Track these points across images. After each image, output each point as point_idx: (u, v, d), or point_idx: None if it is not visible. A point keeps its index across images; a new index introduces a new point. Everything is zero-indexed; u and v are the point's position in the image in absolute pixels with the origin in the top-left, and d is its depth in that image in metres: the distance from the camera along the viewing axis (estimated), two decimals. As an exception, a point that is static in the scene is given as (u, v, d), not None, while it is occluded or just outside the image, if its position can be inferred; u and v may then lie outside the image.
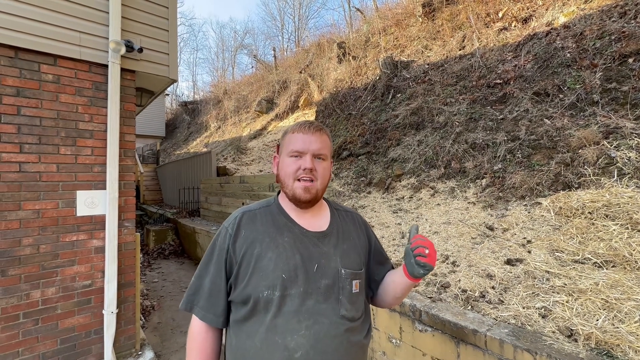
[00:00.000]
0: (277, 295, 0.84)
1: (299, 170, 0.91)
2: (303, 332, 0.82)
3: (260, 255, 0.88)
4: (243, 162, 8.81)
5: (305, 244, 0.91)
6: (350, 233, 1.01)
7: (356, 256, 0.97)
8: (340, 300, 0.88)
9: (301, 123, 0.97)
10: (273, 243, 0.89)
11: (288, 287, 0.85)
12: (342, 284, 0.89)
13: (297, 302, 0.84)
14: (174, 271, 5.56)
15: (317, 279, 0.87)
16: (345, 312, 0.88)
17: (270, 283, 0.85)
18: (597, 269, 2.01)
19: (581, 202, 2.47)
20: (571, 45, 3.67)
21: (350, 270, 0.91)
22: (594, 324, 1.63)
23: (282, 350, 0.81)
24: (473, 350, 1.75)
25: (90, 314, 2.42)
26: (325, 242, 0.93)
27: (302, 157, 0.92)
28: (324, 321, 0.84)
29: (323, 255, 0.90)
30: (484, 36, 5.20)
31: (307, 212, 0.98)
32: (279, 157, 0.99)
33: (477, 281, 2.22)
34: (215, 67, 30.55)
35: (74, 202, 2.38)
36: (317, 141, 0.92)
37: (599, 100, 3.06)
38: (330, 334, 0.84)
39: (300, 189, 0.90)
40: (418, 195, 3.85)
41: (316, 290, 0.86)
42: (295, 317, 0.83)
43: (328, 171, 0.96)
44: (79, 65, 2.40)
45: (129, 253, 2.61)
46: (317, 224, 0.97)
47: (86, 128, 2.43)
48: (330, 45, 9.92)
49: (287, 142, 0.95)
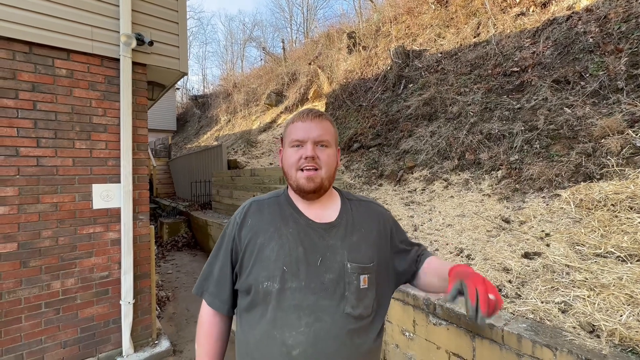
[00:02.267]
0: (276, 287, 0.81)
1: (300, 160, 0.87)
2: (302, 329, 0.78)
3: (263, 245, 0.86)
4: (253, 155, 8.84)
5: (310, 235, 0.87)
6: (361, 224, 0.93)
7: (366, 249, 0.89)
8: (346, 296, 0.82)
9: (300, 111, 0.93)
10: (277, 233, 0.87)
11: (288, 279, 0.81)
12: (349, 279, 0.83)
13: (298, 297, 0.80)
14: (187, 263, 5.67)
15: (321, 273, 0.82)
16: (351, 310, 0.82)
17: (270, 274, 0.82)
18: (620, 263, 1.93)
19: (603, 193, 2.38)
20: (594, 30, 3.49)
21: (358, 264, 0.85)
22: (618, 319, 1.57)
23: (280, 346, 0.78)
24: (489, 344, 1.72)
25: (108, 304, 2.48)
26: (332, 234, 0.88)
27: (303, 145, 0.88)
28: (326, 319, 0.79)
29: (328, 248, 0.85)
30: (500, 22, 5.01)
31: (315, 202, 0.93)
32: (283, 149, 0.95)
33: (493, 275, 2.18)
34: (224, 60, 30.57)
35: (90, 195, 2.42)
36: (317, 128, 0.88)
37: (623, 87, 2.92)
38: (333, 333, 0.79)
39: (304, 179, 0.86)
40: (431, 188, 3.78)
41: (319, 286, 0.81)
42: (295, 312, 0.79)
43: (333, 158, 0.90)
44: (91, 60, 2.41)
45: (144, 245, 2.65)
46: (326, 215, 0.92)
47: (100, 122, 2.46)
48: (339, 36, 9.76)
49: (288, 133, 0.92)
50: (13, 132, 2.14)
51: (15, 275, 2.14)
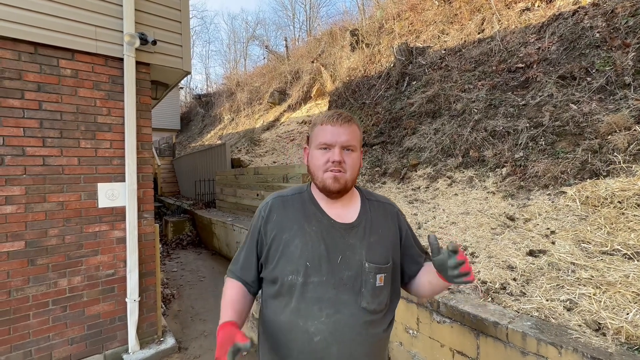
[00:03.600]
0: (300, 280, 0.89)
1: (328, 163, 0.92)
2: (323, 319, 0.87)
3: (289, 241, 0.93)
4: (257, 153, 8.85)
5: (332, 234, 0.93)
6: (379, 225, 1.00)
7: (383, 250, 0.96)
8: (362, 292, 0.90)
9: (330, 114, 0.96)
10: (301, 231, 0.93)
11: (311, 274, 0.89)
12: (366, 277, 0.90)
13: (320, 290, 0.88)
14: (192, 261, 5.70)
15: (341, 270, 0.90)
16: (367, 305, 0.89)
17: (294, 268, 0.90)
18: (627, 260, 1.91)
19: (610, 190, 2.35)
20: (601, 25, 3.44)
21: (375, 264, 0.92)
22: (624, 317, 1.56)
23: (303, 333, 0.87)
24: (494, 342, 1.71)
25: (114, 301, 2.51)
26: (352, 234, 0.94)
27: (330, 149, 0.92)
28: (344, 311, 0.88)
29: (348, 248, 0.92)
30: (505, 18, 4.95)
31: (337, 202, 0.99)
32: (309, 149, 1.00)
33: (497, 272, 2.16)
34: (227, 59, 30.59)
35: (95, 194, 2.44)
36: (345, 133, 0.93)
37: (631, 82, 2.87)
38: (350, 324, 0.87)
39: (330, 179, 0.92)
40: (435, 185, 3.76)
41: (339, 281, 0.89)
42: (317, 304, 0.88)
43: (358, 161, 0.97)
44: (95, 60, 2.43)
45: (149, 243, 2.67)
46: (346, 215, 0.98)
47: (104, 122, 2.48)
48: (342, 34, 9.72)
49: (316, 135, 0.96)
50: (19, 132, 2.16)
51: (23, 273, 2.18)
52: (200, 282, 4.56)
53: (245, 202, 6.12)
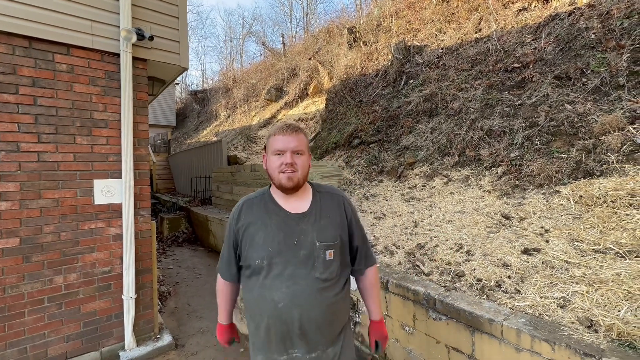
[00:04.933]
0: (265, 263, 1.13)
1: (282, 165, 1.13)
2: (284, 290, 1.10)
3: (254, 234, 1.17)
4: (253, 150, 8.83)
5: (288, 224, 1.16)
6: (327, 211, 1.22)
7: (332, 230, 1.18)
8: (315, 266, 1.13)
9: (280, 126, 1.19)
10: (263, 225, 1.17)
11: (273, 257, 1.12)
12: (317, 253, 1.13)
13: (281, 268, 1.12)
14: (188, 258, 5.69)
15: (297, 250, 1.13)
16: (319, 275, 1.13)
17: (260, 254, 1.13)
18: (619, 259, 1.95)
19: (603, 190, 2.39)
20: (596, 26, 3.48)
21: (324, 242, 1.15)
22: (616, 314, 1.59)
23: (270, 302, 1.11)
24: (489, 339, 1.74)
25: (111, 299, 2.50)
26: (305, 221, 1.17)
27: (283, 154, 1.13)
28: (301, 282, 1.11)
29: (302, 232, 1.15)
30: (502, 18, 4.98)
31: (292, 197, 1.21)
32: (267, 156, 1.21)
33: (492, 270, 2.19)
34: (223, 55, 30.37)
35: (91, 190, 2.42)
36: (294, 140, 1.14)
37: (625, 83, 2.91)
38: (306, 292, 1.11)
39: (285, 179, 1.13)
40: (431, 184, 3.79)
41: (296, 259, 1.12)
42: (279, 278, 1.11)
43: (307, 163, 1.19)
44: (91, 55, 2.40)
45: (145, 241, 2.66)
46: (300, 207, 1.20)
47: (101, 118, 2.45)
48: (340, 31, 9.69)
49: (271, 143, 1.17)
50: (14, 128, 2.14)
51: (18, 270, 2.16)
52: (196, 279, 4.55)
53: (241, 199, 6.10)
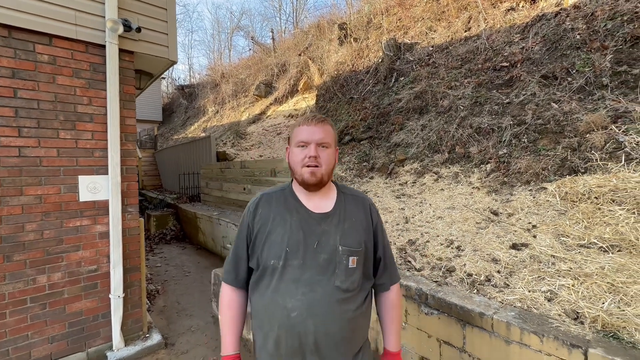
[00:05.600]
0: (280, 264, 0.99)
1: (305, 158, 1.03)
2: (299, 297, 0.97)
3: (271, 230, 1.04)
4: (243, 147, 8.72)
5: (309, 223, 1.04)
6: (352, 214, 1.10)
7: (356, 235, 1.06)
8: (336, 273, 1.00)
9: (306, 116, 1.09)
10: (282, 221, 1.04)
11: (290, 258, 0.99)
12: (339, 259, 1.00)
13: (298, 272, 0.98)
14: (176, 256, 5.60)
15: (317, 253, 1.00)
16: (340, 284, 0.99)
17: (276, 253, 1.00)
18: (602, 253, 2.01)
19: (587, 187, 2.46)
20: (581, 27, 3.57)
21: (348, 247, 1.02)
22: (600, 307, 1.65)
23: (282, 309, 0.97)
24: (479, 332, 1.78)
25: (97, 298, 2.43)
26: (327, 222, 1.05)
27: (307, 146, 1.03)
28: (318, 290, 0.97)
29: (324, 234, 1.02)
30: (491, 17, 5.05)
31: (315, 195, 1.09)
32: (290, 148, 1.11)
33: (482, 265, 2.24)
34: (211, 49, 29.79)
35: (76, 187, 2.34)
36: (319, 131, 1.04)
37: (608, 83, 3.00)
38: (324, 301, 0.97)
39: (308, 174, 1.02)
40: (421, 181, 3.83)
41: (315, 263, 0.99)
42: (294, 283, 0.98)
43: (332, 157, 1.07)
44: (75, 46, 2.31)
45: (133, 238, 2.60)
46: (323, 206, 1.09)
47: (85, 111, 2.37)
48: (330, 27, 9.65)
49: (295, 134, 1.08)
50: (-8, 121, 2.04)
51: (-1, 269, 2.07)
52: (185, 277, 4.48)
53: (231, 196, 6.04)
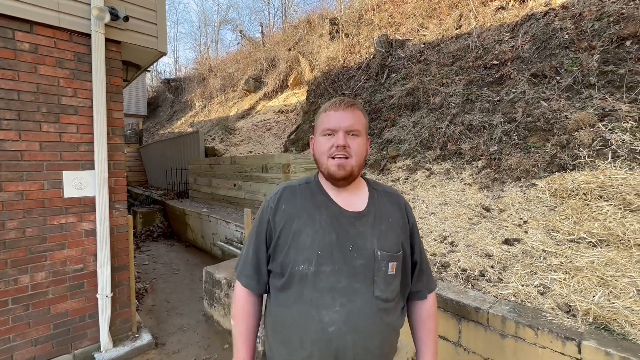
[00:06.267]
0: (312, 270, 0.86)
1: (332, 148, 0.90)
2: (337, 308, 0.85)
3: (299, 230, 0.90)
4: (232, 142, 8.59)
5: (341, 222, 0.91)
6: (388, 214, 0.98)
7: (394, 237, 0.95)
8: (375, 281, 0.88)
9: (333, 101, 0.95)
10: (311, 220, 0.91)
11: (323, 263, 0.87)
12: (378, 265, 0.89)
13: (333, 280, 0.86)
14: (164, 253, 5.47)
15: (353, 258, 0.88)
16: (380, 293, 0.88)
17: (306, 258, 0.87)
18: (592, 247, 2.07)
19: (576, 183, 2.53)
20: (570, 27, 3.64)
21: (387, 252, 0.91)
22: (591, 300, 1.69)
23: (317, 323, 0.85)
24: (475, 326, 1.80)
25: (84, 298, 2.34)
26: (362, 222, 0.93)
27: (334, 134, 0.91)
28: (357, 300, 0.86)
29: (359, 236, 0.91)
30: (481, 15, 5.11)
31: (345, 190, 0.97)
32: (315, 138, 0.99)
33: (476, 260, 2.27)
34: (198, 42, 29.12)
35: (60, 183, 2.24)
36: (349, 117, 0.91)
37: (595, 82, 3.08)
38: (363, 313, 0.86)
39: (335, 166, 0.90)
40: (413, 177, 3.86)
41: (351, 270, 0.87)
42: (330, 293, 0.86)
43: (363, 147, 0.94)
44: (58, 34, 2.19)
45: (121, 236, 2.51)
46: (355, 204, 0.96)
47: (70, 103, 2.26)
48: (321, 22, 9.57)
49: (320, 122, 0.95)
50: (-32, 112, 1.91)
51: (-23, 270, 1.96)
52: (174, 275, 4.39)
53: (221, 192, 5.94)
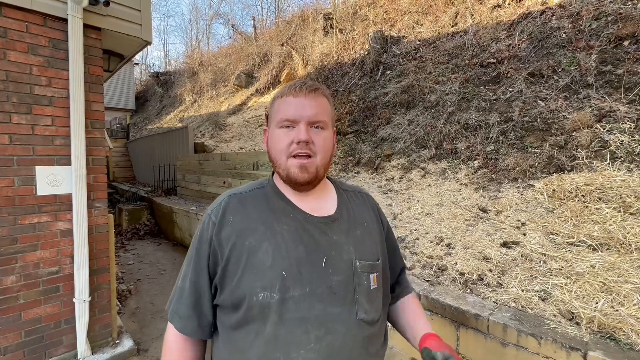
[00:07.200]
0: (276, 298, 0.67)
1: (292, 145, 0.72)
2: (312, 345, 0.66)
3: (254, 247, 0.70)
4: (222, 138, 8.39)
5: (309, 231, 0.73)
6: (363, 217, 0.83)
7: (372, 244, 0.80)
8: (357, 300, 0.71)
9: (292, 83, 0.76)
10: (269, 232, 0.72)
11: (290, 287, 0.67)
12: (359, 280, 0.72)
13: (304, 307, 0.67)
14: (150, 252, 5.29)
15: (327, 275, 0.70)
16: (364, 315, 0.71)
17: (267, 283, 0.67)
18: (592, 251, 2.02)
19: (574, 185, 2.48)
20: (567, 26, 3.60)
21: (367, 261, 0.75)
22: (594, 307, 1.63)
23: None
24: (474, 334, 1.72)
25: (60, 302, 2.19)
26: (334, 228, 0.76)
27: (295, 127, 0.73)
28: (338, 329, 0.68)
29: (333, 246, 0.73)
30: (478, 13, 5.05)
31: (309, 194, 0.80)
32: (269, 130, 0.80)
33: (474, 264, 2.19)
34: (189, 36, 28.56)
35: (33, 179, 2.07)
36: (312, 105, 0.73)
37: (593, 82, 3.04)
38: (347, 346, 0.68)
39: (296, 168, 0.72)
40: (408, 176, 3.78)
41: (326, 290, 0.69)
42: (301, 326, 0.66)
43: (330, 142, 0.77)
44: (30, 17, 2.01)
45: (101, 236, 2.35)
46: (323, 208, 0.79)
47: (44, 93, 2.09)
48: (314, 17, 9.41)
49: (276, 109, 0.76)
50: None
51: (-63, 274, 1.79)
52: (160, 276, 4.23)
53: (210, 189, 5.77)
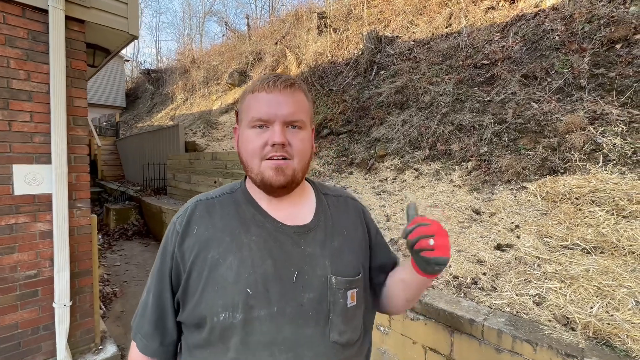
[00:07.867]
0: (239, 318, 0.61)
1: (266, 147, 0.65)
2: None
3: (217, 261, 0.64)
4: (214, 137, 8.27)
5: (281, 243, 0.67)
6: (343, 225, 0.76)
7: (352, 256, 0.73)
8: (331, 320, 0.65)
9: (264, 77, 0.68)
10: (235, 243, 0.66)
11: (255, 306, 0.61)
12: (333, 298, 0.66)
13: (271, 329, 0.61)
14: (138, 253, 5.17)
15: (298, 292, 0.64)
16: (338, 337, 0.65)
17: (228, 301, 0.61)
18: (586, 255, 2.00)
19: (568, 187, 2.47)
20: (560, 28, 3.62)
21: (344, 277, 0.68)
22: (589, 312, 1.61)
23: None
24: (468, 339, 1.69)
25: (38, 307, 2.09)
26: (308, 239, 0.69)
27: (269, 127, 0.65)
28: (307, 354, 0.62)
29: (306, 259, 0.67)
30: (472, 14, 5.05)
31: (284, 200, 0.73)
32: (240, 128, 0.71)
33: (467, 267, 2.16)
34: (181, 33, 28.22)
35: (10, 178, 1.97)
36: (288, 102, 0.66)
37: (586, 85, 3.05)
38: None
39: (271, 170, 0.65)
40: (402, 177, 3.75)
41: (297, 310, 0.63)
42: (267, 349, 0.61)
43: (308, 143, 0.70)
44: (7, 7, 1.91)
45: (83, 238, 2.26)
46: (298, 216, 0.72)
47: (22, 88, 1.99)
48: (308, 16, 9.35)
49: (247, 107, 0.68)
50: None
51: None
52: (148, 278, 4.12)
53: (201, 189, 5.66)
